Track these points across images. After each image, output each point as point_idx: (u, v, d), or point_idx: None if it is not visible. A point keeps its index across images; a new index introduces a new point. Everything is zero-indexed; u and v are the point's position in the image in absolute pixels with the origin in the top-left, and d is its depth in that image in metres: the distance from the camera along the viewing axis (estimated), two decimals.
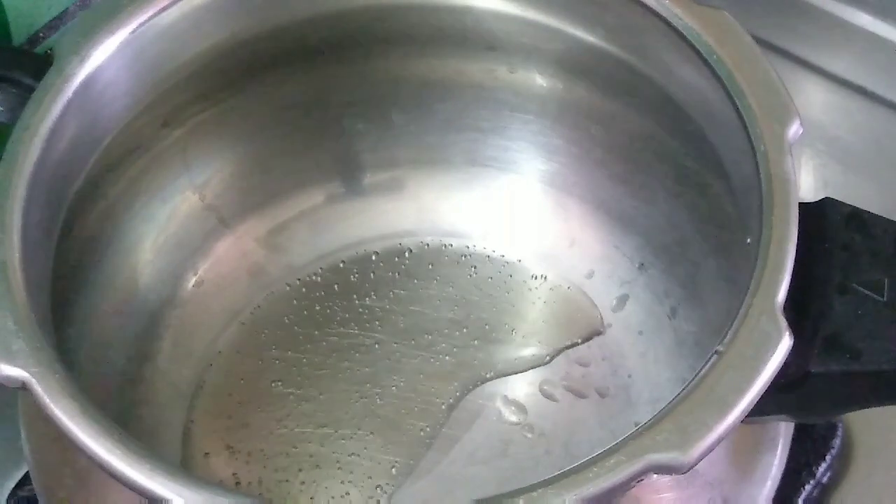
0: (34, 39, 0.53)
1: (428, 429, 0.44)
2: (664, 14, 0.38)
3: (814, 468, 0.44)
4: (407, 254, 0.49)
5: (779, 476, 0.38)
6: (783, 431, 0.38)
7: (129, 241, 0.44)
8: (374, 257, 0.49)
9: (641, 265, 0.46)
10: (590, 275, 0.47)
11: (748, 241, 0.33)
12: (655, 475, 0.29)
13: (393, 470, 0.43)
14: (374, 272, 0.48)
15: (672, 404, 0.30)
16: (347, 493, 0.43)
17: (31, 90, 0.37)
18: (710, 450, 0.29)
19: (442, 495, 0.42)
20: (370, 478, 0.43)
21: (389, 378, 0.45)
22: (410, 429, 0.44)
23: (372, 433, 0.44)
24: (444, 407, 0.45)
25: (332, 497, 0.43)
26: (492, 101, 0.47)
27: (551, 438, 0.43)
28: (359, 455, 0.43)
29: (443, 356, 0.46)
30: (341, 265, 0.49)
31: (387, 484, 0.43)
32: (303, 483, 0.43)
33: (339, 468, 0.43)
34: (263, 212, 0.49)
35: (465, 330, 0.47)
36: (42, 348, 0.31)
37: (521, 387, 0.45)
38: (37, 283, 0.34)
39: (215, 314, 0.47)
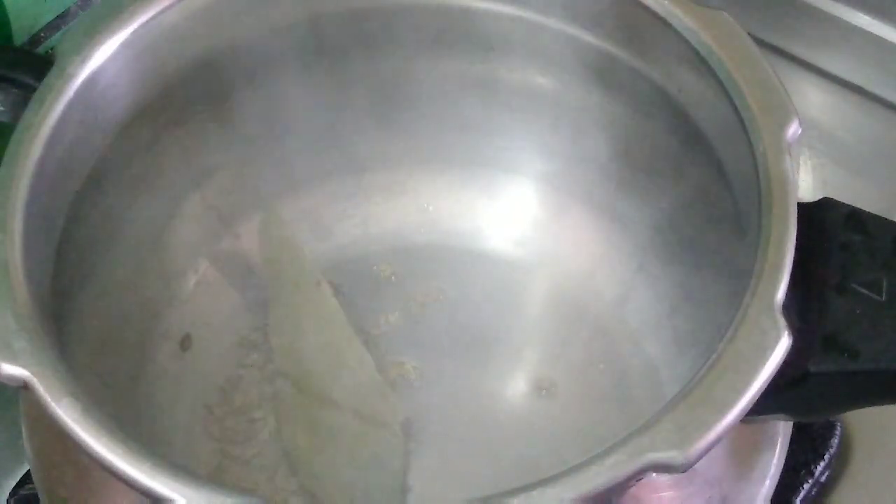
0: (35, 39, 0.53)
1: (428, 427, 0.44)
2: (664, 14, 0.38)
3: (812, 467, 0.44)
4: (406, 254, 0.49)
5: (777, 475, 0.38)
6: (782, 431, 0.38)
7: (130, 241, 0.44)
8: (373, 257, 0.49)
9: (641, 265, 0.46)
10: (590, 275, 0.47)
11: (747, 240, 0.33)
12: (654, 474, 0.29)
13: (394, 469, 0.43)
14: (373, 272, 0.48)
15: (671, 403, 0.30)
16: (349, 492, 0.43)
17: (32, 90, 0.37)
18: (709, 449, 0.29)
19: (441, 493, 0.42)
20: (372, 477, 0.43)
21: (389, 377, 0.45)
22: (410, 427, 0.44)
23: (374, 432, 0.44)
24: (443, 405, 0.45)
25: (334, 497, 0.43)
26: (492, 101, 0.47)
27: (550, 437, 0.44)
28: (362, 454, 0.44)
29: (442, 355, 0.46)
30: (341, 265, 0.49)
31: (388, 483, 0.43)
32: (306, 483, 0.43)
33: (341, 467, 0.43)
34: (264, 212, 0.48)
35: (464, 330, 0.47)
36: (44, 348, 0.31)
37: (519, 386, 0.45)
38: (38, 282, 0.34)
39: (216, 314, 0.47)
